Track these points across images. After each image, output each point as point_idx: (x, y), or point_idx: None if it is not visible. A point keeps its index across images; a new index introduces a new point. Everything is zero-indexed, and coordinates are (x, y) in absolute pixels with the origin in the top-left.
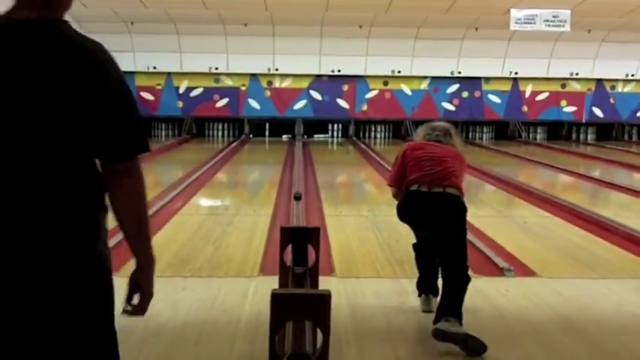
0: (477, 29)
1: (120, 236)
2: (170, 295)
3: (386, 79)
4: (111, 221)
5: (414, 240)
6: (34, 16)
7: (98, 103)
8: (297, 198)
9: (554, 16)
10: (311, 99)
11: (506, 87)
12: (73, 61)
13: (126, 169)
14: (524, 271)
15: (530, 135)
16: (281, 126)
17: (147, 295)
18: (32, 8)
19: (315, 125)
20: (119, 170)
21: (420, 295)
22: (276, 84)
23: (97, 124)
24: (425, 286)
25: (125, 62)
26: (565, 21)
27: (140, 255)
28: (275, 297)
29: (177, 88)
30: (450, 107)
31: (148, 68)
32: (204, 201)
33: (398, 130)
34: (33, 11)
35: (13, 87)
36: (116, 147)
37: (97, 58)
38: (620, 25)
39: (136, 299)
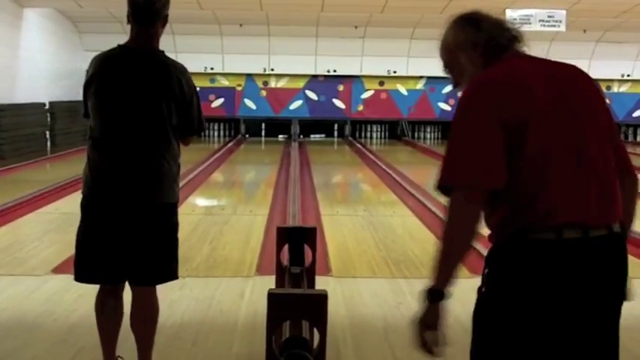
0: None
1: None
2: (167, 295)
3: (382, 80)
4: None
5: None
6: (141, 46)
7: (176, 97)
8: None
9: (549, 16)
10: (307, 99)
11: None
12: (164, 72)
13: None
14: None
15: None
16: (277, 126)
17: None
18: (139, 42)
19: (311, 125)
20: (187, 140)
21: None
22: (272, 84)
23: (175, 110)
24: None
25: None
26: (560, 21)
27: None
28: (272, 297)
29: None
30: (446, 107)
31: None
32: (200, 201)
33: (394, 130)
34: (140, 44)
35: (138, 84)
36: (184, 131)
37: (175, 71)
38: (615, 25)
39: None
